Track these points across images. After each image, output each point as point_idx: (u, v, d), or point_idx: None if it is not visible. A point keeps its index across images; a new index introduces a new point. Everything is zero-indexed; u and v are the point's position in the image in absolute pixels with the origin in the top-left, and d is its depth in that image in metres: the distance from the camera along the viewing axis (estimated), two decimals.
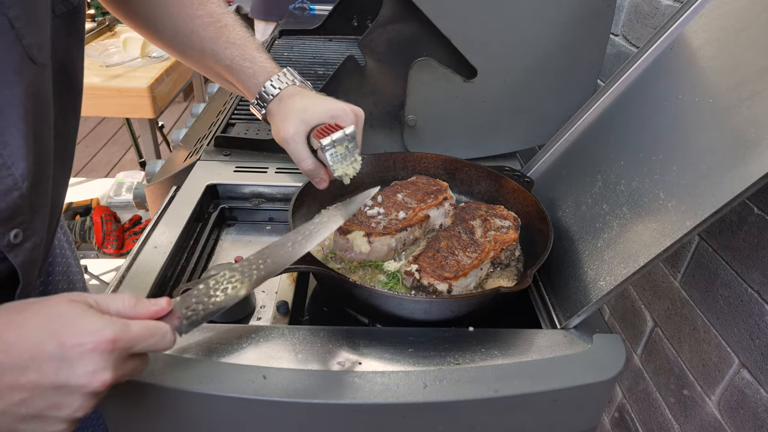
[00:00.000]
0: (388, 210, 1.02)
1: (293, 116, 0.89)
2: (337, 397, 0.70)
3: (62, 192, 0.83)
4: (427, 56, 1.20)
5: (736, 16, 0.88)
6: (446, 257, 0.91)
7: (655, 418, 1.23)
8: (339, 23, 2.17)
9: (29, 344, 0.51)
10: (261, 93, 0.93)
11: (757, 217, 0.91)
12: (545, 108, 1.29)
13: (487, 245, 0.94)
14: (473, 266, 0.89)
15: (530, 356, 0.78)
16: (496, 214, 1.03)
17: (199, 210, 1.10)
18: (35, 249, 0.69)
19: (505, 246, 0.96)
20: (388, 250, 0.95)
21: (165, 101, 2.34)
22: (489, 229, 0.99)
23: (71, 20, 0.74)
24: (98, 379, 0.53)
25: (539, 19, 1.17)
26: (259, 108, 0.95)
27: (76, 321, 0.53)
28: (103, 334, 0.53)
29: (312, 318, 0.94)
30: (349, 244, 0.94)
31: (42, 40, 0.65)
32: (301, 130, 0.88)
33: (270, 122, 0.95)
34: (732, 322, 0.97)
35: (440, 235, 0.97)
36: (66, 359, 0.52)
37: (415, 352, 0.78)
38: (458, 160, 1.18)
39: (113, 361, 0.54)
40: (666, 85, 0.96)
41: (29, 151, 0.64)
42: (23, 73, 0.62)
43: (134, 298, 0.60)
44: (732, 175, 0.71)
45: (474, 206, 1.06)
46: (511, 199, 1.10)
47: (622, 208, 0.88)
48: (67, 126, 0.78)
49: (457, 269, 0.88)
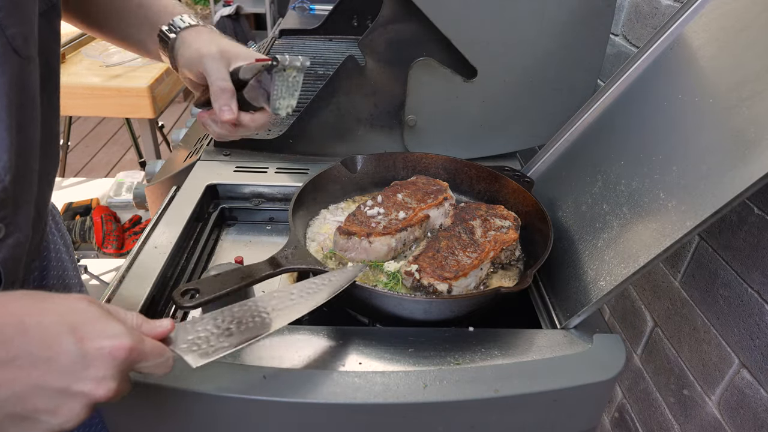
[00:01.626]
0: (388, 210, 1.02)
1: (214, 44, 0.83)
2: (337, 397, 0.70)
3: (48, 188, 0.83)
4: (427, 56, 1.20)
5: (736, 16, 0.88)
6: (446, 257, 0.90)
7: (655, 418, 1.23)
8: (339, 23, 2.17)
9: (48, 333, 0.49)
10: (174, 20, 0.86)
11: (757, 217, 0.91)
12: (545, 108, 1.29)
13: (487, 245, 0.94)
14: (473, 266, 0.89)
15: (530, 356, 0.78)
16: (496, 214, 1.03)
17: (199, 210, 1.10)
18: (18, 246, 0.69)
19: (505, 246, 0.96)
20: (388, 250, 0.95)
21: (165, 101, 2.34)
22: (489, 229, 0.99)
23: (51, 17, 0.74)
24: (104, 388, 0.51)
25: (539, 19, 1.17)
26: (168, 35, 0.86)
27: (97, 321, 0.52)
28: (123, 340, 0.51)
29: (312, 318, 0.94)
30: (349, 244, 0.94)
31: (26, 33, 0.65)
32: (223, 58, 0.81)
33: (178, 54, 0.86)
34: (732, 322, 0.97)
35: (440, 235, 0.97)
36: (81, 357, 0.50)
37: (415, 352, 0.78)
38: (458, 160, 1.18)
39: (121, 372, 0.52)
40: (666, 85, 0.96)
41: (12, 143, 0.64)
42: (6, 65, 0.62)
43: (141, 318, 0.59)
44: (732, 175, 0.71)
45: (474, 206, 1.06)
46: (511, 199, 1.10)
47: (622, 208, 0.88)
48: (51, 120, 0.78)
49: (458, 269, 0.88)
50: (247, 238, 1.15)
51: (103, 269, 2.42)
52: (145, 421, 0.76)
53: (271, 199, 1.20)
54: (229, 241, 1.14)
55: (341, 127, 1.30)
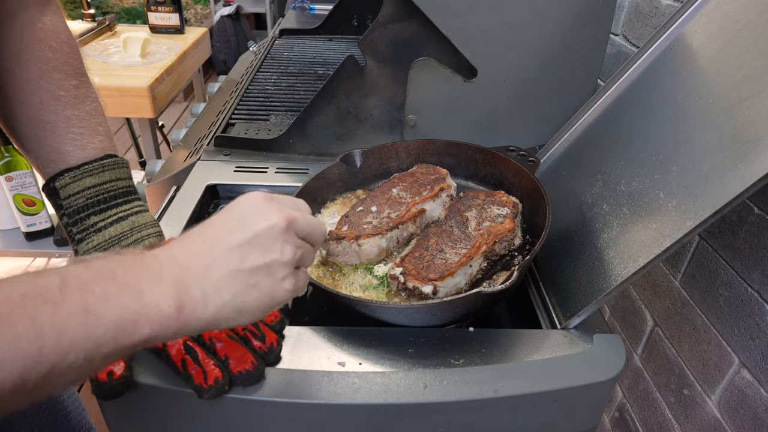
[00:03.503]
0: (381, 208, 1.00)
1: None
2: (337, 397, 0.70)
3: None
4: (427, 56, 1.20)
5: (736, 15, 0.88)
6: (434, 256, 0.87)
7: (655, 417, 1.23)
8: (339, 23, 2.18)
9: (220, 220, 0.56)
10: None
11: (757, 217, 0.91)
12: (545, 108, 1.29)
13: (478, 239, 0.91)
14: (461, 264, 0.85)
15: (530, 356, 0.78)
16: (495, 201, 1.00)
17: (199, 210, 1.10)
18: None
19: (499, 238, 0.92)
20: (378, 251, 0.93)
21: (165, 101, 2.34)
22: (484, 220, 0.95)
23: None
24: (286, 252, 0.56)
25: (539, 19, 1.17)
26: None
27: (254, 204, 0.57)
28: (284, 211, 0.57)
29: (312, 318, 0.94)
30: (339, 248, 0.92)
31: None
32: None
33: None
34: (732, 322, 0.97)
35: (430, 231, 0.93)
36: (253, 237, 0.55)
37: (415, 352, 0.78)
38: (459, 144, 1.16)
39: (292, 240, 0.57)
40: (666, 85, 0.96)
41: None
42: None
43: None
44: (732, 175, 0.71)
45: (471, 195, 1.03)
46: (515, 182, 1.07)
47: (622, 208, 0.88)
48: None
49: (444, 269, 0.84)
50: None
51: None
52: (144, 421, 0.76)
53: None
54: None
55: (341, 127, 1.30)
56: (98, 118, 0.79)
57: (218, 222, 0.56)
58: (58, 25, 0.76)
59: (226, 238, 0.54)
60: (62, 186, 0.73)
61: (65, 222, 0.74)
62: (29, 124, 0.73)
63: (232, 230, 0.55)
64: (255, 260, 0.54)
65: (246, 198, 0.58)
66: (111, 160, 0.76)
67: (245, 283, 0.54)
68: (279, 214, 0.56)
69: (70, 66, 0.76)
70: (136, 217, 0.77)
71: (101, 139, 0.77)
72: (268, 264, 0.55)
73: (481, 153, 1.14)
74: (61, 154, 0.74)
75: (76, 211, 0.73)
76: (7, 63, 0.71)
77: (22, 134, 0.75)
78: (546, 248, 0.94)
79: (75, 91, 0.76)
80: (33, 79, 0.72)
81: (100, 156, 0.75)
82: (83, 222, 0.74)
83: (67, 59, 0.75)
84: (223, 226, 0.55)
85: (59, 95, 0.74)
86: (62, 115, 0.74)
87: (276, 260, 0.55)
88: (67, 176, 0.73)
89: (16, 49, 0.71)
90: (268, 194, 0.59)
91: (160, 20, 2.72)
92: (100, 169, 0.75)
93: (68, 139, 0.74)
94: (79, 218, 0.73)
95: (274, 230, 0.55)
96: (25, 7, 0.73)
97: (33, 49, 0.72)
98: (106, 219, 0.74)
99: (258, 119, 1.48)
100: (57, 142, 0.74)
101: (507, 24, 1.17)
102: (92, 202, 0.74)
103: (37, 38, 0.73)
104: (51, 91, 0.73)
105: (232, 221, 0.55)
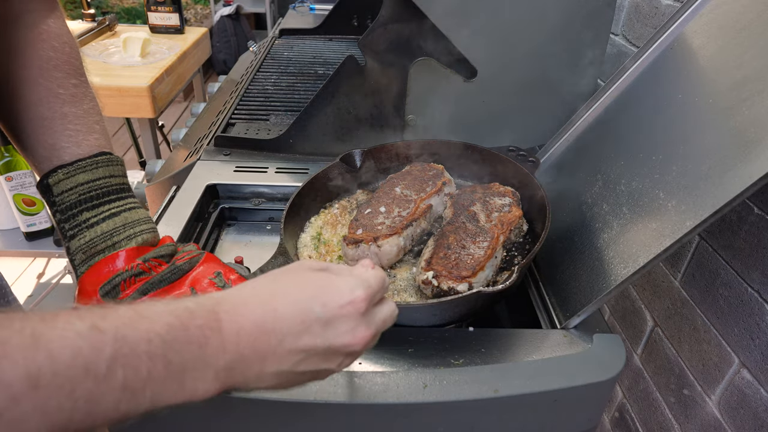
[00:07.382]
0: (389, 208, 0.99)
1: None
2: (337, 397, 0.70)
3: None
4: (427, 56, 1.20)
5: (736, 15, 0.88)
6: (459, 253, 0.87)
7: (655, 417, 1.23)
8: (339, 23, 2.18)
9: (297, 310, 0.52)
10: None
11: (757, 217, 0.91)
12: (545, 108, 1.29)
13: (494, 230, 0.91)
14: (488, 257, 0.86)
15: (530, 356, 0.78)
16: (493, 192, 1.00)
17: (199, 210, 1.10)
18: None
19: (512, 225, 0.94)
20: (398, 250, 0.93)
21: (165, 101, 2.34)
22: (492, 211, 0.96)
23: None
24: (358, 336, 0.55)
25: (539, 19, 1.17)
26: None
27: (329, 284, 0.55)
28: (356, 293, 0.55)
29: None
30: (358, 252, 0.91)
31: None
32: None
33: None
34: (732, 322, 0.97)
35: (446, 230, 0.93)
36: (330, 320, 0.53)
37: (415, 352, 0.78)
38: (458, 143, 1.16)
39: (367, 316, 0.56)
40: (666, 84, 0.96)
41: None
42: None
43: None
44: (732, 175, 0.71)
45: (469, 190, 1.03)
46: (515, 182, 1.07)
47: (622, 208, 0.88)
48: None
49: (474, 264, 0.84)
50: (247, 238, 1.15)
51: None
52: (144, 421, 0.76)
53: (271, 199, 1.20)
54: (229, 241, 1.14)
55: (341, 127, 1.30)
56: (95, 117, 0.79)
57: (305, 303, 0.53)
58: (62, 28, 0.76)
59: (299, 337, 0.52)
60: (55, 182, 0.73)
61: (58, 219, 0.74)
62: (27, 120, 0.73)
63: (309, 330, 0.52)
64: (310, 365, 0.53)
65: (348, 295, 0.55)
66: (105, 157, 0.76)
67: (289, 380, 0.54)
68: (362, 340, 0.55)
69: (71, 66, 0.76)
70: (129, 213, 0.76)
71: (97, 137, 0.77)
72: (320, 371, 0.55)
73: (481, 153, 1.14)
74: (56, 151, 0.74)
75: (68, 207, 0.73)
76: (9, 60, 0.72)
77: (19, 130, 0.75)
78: (546, 248, 0.94)
79: (74, 89, 0.76)
80: (33, 76, 0.73)
81: (95, 153, 0.75)
82: (75, 218, 0.73)
83: (68, 59, 0.76)
84: (304, 316, 0.52)
85: (58, 92, 0.74)
86: (59, 112, 0.74)
87: (329, 370, 0.56)
88: (61, 173, 0.73)
89: (19, 48, 0.72)
90: (369, 299, 0.56)
91: (160, 20, 2.72)
92: (94, 165, 0.74)
93: (64, 135, 0.74)
94: (72, 214, 0.73)
95: (345, 350, 0.55)
96: (30, 10, 0.73)
97: (36, 48, 0.73)
98: (99, 215, 0.74)
99: (258, 119, 1.48)
100: (53, 139, 0.73)
101: (507, 24, 1.17)
102: (85, 198, 0.73)
103: (40, 38, 0.73)
104: (50, 88, 0.73)
105: (315, 314, 0.53)
